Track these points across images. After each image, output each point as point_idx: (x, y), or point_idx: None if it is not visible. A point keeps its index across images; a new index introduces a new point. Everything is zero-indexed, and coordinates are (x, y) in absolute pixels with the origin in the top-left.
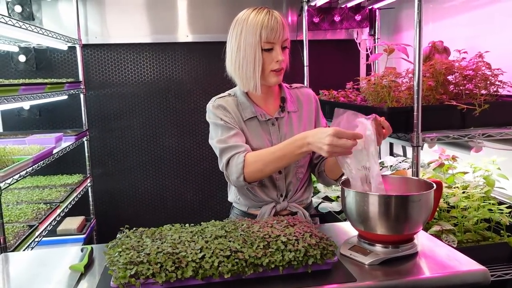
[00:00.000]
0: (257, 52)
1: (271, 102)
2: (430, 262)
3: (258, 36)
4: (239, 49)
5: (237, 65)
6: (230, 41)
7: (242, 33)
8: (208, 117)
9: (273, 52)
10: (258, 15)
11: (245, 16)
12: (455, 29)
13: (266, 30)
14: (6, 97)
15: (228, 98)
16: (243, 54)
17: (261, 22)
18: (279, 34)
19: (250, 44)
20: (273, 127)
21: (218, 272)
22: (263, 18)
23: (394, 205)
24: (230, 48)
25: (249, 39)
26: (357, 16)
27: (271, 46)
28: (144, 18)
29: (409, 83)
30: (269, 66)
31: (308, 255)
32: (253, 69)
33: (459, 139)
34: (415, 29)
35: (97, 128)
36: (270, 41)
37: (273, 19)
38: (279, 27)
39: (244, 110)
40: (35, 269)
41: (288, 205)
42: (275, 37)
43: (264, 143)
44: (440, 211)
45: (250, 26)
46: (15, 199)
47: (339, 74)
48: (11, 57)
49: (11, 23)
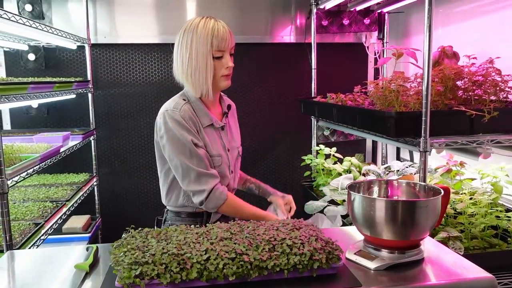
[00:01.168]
0: (209, 61)
1: (215, 108)
2: (436, 269)
3: (209, 45)
4: (190, 58)
5: (189, 73)
6: (179, 49)
7: (192, 42)
8: (167, 130)
9: (223, 59)
10: (207, 24)
11: (193, 26)
12: (465, 34)
13: (216, 39)
14: (15, 95)
15: (185, 107)
16: (195, 63)
17: (211, 31)
18: (228, 42)
19: (202, 53)
20: (223, 131)
21: (222, 274)
22: (213, 27)
23: (401, 210)
24: (180, 56)
25: (200, 48)
26: (366, 19)
27: (221, 54)
28: (153, 19)
29: (418, 88)
30: (220, 71)
31: (313, 259)
32: (205, 76)
33: (467, 145)
34: (425, 33)
35: (104, 127)
36: (221, 49)
37: (222, 28)
38: (227, 35)
39: (202, 117)
40: (41, 267)
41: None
42: (225, 45)
43: (220, 149)
44: (447, 217)
45: (200, 36)
46: (21, 197)
47: (347, 77)
48: (21, 56)
49: (21, 21)
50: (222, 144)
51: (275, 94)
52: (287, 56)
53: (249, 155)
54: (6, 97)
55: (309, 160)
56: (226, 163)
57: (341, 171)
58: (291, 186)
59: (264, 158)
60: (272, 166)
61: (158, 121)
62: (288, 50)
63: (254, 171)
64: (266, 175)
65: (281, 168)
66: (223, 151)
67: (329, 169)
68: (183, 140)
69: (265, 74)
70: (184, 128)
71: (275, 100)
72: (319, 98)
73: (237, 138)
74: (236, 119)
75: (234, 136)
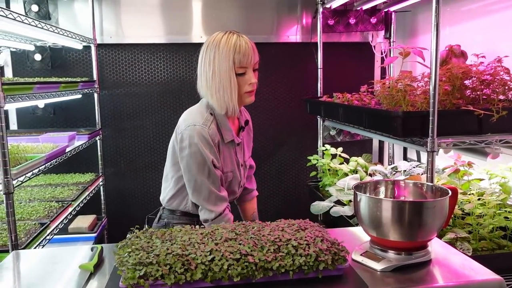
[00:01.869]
0: (232, 77)
1: (235, 122)
2: (444, 270)
3: (232, 62)
4: (214, 75)
5: (213, 90)
6: (202, 65)
7: (215, 59)
8: (191, 144)
9: (246, 75)
10: (229, 40)
11: (216, 42)
12: (473, 33)
13: (238, 55)
14: (21, 95)
15: (213, 125)
16: (218, 80)
17: (233, 48)
18: (251, 58)
19: (224, 70)
20: (238, 147)
21: (227, 275)
22: (235, 43)
23: (408, 211)
24: (204, 72)
25: (223, 65)
26: (372, 18)
27: (244, 70)
28: (159, 19)
29: (425, 87)
30: (243, 88)
31: (319, 260)
32: (229, 94)
33: (475, 145)
34: (432, 32)
35: (110, 127)
36: (243, 66)
37: (244, 44)
38: (250, 51)
39: (225, 132)
40: (46, 267)
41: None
42: (247, 61)
43: (234, 165)
44: (455, 218)
45: (222, 52)
46: (27, 197)
47: (353, 77)
48: (27, 56)
49: (27, 22)
50: (237, 160)
51: (280, 93)
52: (293, 55)
53: (255, 155)
54: (12, 97)
55: (315, 160)
56: (237, 179)
57: (347, 171)
58: (296, 186)
59: (269, 158)
60: (277, 166)
61: (184, 132)
62: (294, 49)
63: (260, 172)
64: (271, 175)
65: (286, 168)
66: (236, 167)
67: (335, 169)
68: (205, 158)
69: (270, 74)
70: (208, 147)
71: (281, 100)
72: (325, 97)
73: (249, 151)
74: (251, 130)
75: (245, 150)
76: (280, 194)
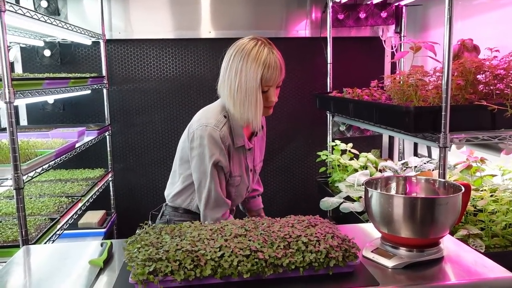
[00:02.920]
0: (258, 96)
1: (249, 128)
2: (456, 268)
3: (259, 80)
4: (240, 88)
5: (237, 102)
6: (228, 71)
7: (242, 71)
8: (201, 144)
9: (269, 92)
10: (260, 55)
11: (245, 52)
12: (485, 27)
13: (267, 74)
14: (31, 91)
15: (225, 128)
16: (244, 95)
17: (262, 64)
18: (278, 78)
19: (251, 87)
20: (248, 152)
21: (237, 271)
22: (265, 60)
23: (420, 207)
24: (228, 79)
25: (250, 81)
26: (383, 13)
27: (267, 88)
28: (168, 14)
29: (437, 82)
30: (263, 103)
31: (329, 256)
32: (254, 112)
33: (489, 140)
34: (445, 26)
35: (119, 123)
36: (268, 85)
37: (274, 62)
38: (279, 71)
39: (237, 137)
40: (56, 263)
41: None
42: (273, 81)
43: (243, 169)
44: (467, 214)
45: (251, 67)
46: (37, 192)
47: (363, 72)
48: (37, 52)
49: (36, 17)
50: (246, 165)
51: (290, 89)
52: (302, 50)
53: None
54: (22, 92)
55: (325, 155)
56: (245, 184)
57: (357, 167)
58: (306, 182)
59: (278, 154)
60: (287, 162)
61: (196, 132)
62: (304, 44)
63: (268, 167)
64: (280, 171)
65: (296, 164)
66: (245, 172)
67: (345, 165)
68: (212, 160)
69: None
70: (218, 148)
71: (290, 95)
72: (335, 93)
73: (261, 155)
74: (265, 135)
75: (256, 155)
76: (289, 190)
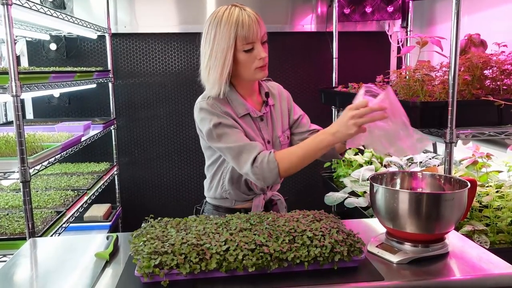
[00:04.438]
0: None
1: (254, 97)
2: (461, 263)
3: (233, 39)
4: (211, 55)
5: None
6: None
7: (216, 37)
8: (202, 118)
9: (254, 50)
10: (231, 16)
11: (217, 19)
12: (492, 22)
13: (242, 31)
14: (37, 84)
15: (211, 99)
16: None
17: (235, 23)
18: (256, 31)
19: (222, 49)
20: (262, 122)
21: (242, 265)
22: (237, 18)
23: (425, 203)
24: (203, 54)
25: (222, 44)
26: (389, 7)
27: (251, 46)
28: (173, 8)
29: (443, 77)
30: (253, 64)
31: (334, 251)
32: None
33: (495, 136)
34: (452, 20)
35: (125, 117)
36: (249, 42)
37: (247, 17)
38: (254, 24)
39: (237, 107)
40: (62, 255)
41: (272, 194)
42: (253, 35)
43: (259, 140)
44: (472, 210)
45: (223, 30)
46: (44, 185)
47: (369, 67)
48: (43, 45)
49: (43, 11)
50: (261, 136)
51: (295, 83)
52: (308, 45)
53: None
54: (28, 86)
55: None
56: None
57: (362, 162)
58: (310, 177)
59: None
60: None
61: (196, 118)
62: (309, 39)
63: None
64: None
65: None
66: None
67: (349, 160)
68: (212, 123)
69: (285, 64)
70: (214, 114)
71: (295, 90)
72: (340, 88)
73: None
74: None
75: (276, 125)
76: (293, 185)
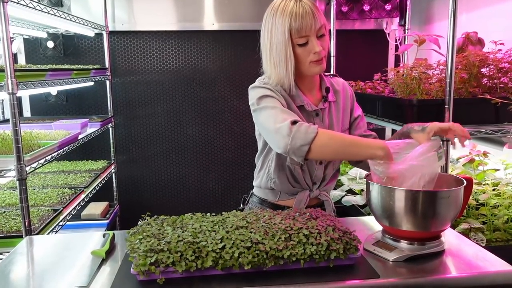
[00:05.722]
0: (288, 50)
1: (314, 92)
2: (457, 261)
3: (288, 33)
4: (271, 47)
5: (273, 63)
6: (262, 38)
7: (272, 29)
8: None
9: (309, 44)
10: (286, 8)
11: (273, 11)
12: (490, 20)
13: (295, 23)
14: (34, 82)
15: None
16: (275, 53)
17: (288, 16)
18: (311, 24)
19: (280, 42)
20: (317, 117)
21: (238, 263)
22: (291, 10)
23: (421, 201)
24: (263, 46)
25: (278, 37)
26: (387, 5)
27: (305, 39)
28: (171, 6)
29: (440, 75)
30: (308, 58)
31: (330, 249)
32: (284, 69)
33: (492, 134)
34: (449, 18)
35: (122, 115)
36: (303, 35)
37: (301, 9)
38: (309, 18)
39: (294, 96)
40: (59, 253)
41: (319, 193)
42: (307, 29)
43: None
44: (469, 208)
45: (278, 22)
46: (40, 183)
47: (366, 65)
48: (40, 43)
49: (39, 8)
50: None
51: None
52: None
53: None
54: (25, 83)
55: None
56: None
57: None
58: None
59: None
60: None
61: (250, 100)
62: None
63: None
64: None
65: None
66: None
67: None
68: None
69: None
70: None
71: None
72: None
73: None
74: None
75: (334, 122)
76: None
